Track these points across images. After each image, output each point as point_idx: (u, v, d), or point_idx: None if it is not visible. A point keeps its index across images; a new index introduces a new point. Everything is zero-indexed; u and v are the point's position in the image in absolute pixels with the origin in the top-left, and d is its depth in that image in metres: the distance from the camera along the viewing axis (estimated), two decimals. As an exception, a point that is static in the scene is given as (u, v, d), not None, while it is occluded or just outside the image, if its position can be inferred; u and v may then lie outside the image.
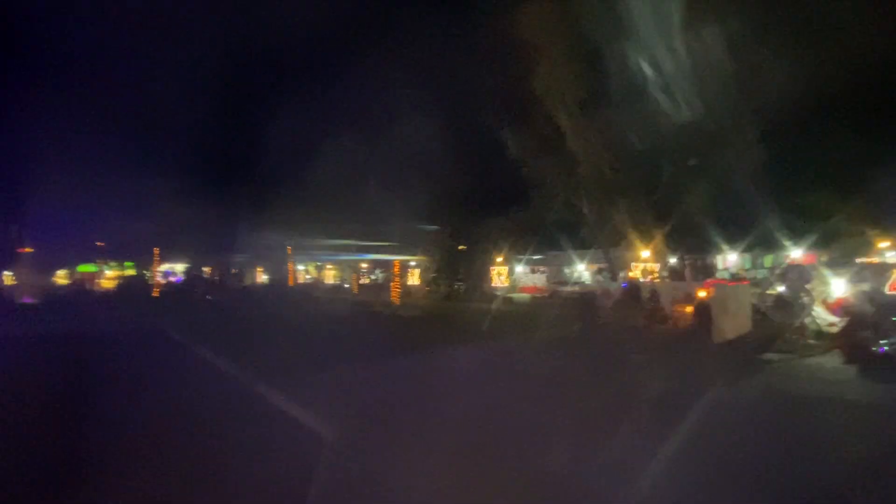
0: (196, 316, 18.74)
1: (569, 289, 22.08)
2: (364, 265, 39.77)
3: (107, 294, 32.41)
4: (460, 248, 28.52)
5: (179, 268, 43.78)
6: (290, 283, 36.71)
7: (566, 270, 29.99)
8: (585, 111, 19.28)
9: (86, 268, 40.03)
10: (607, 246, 22.95)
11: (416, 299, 26.70)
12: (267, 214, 32.26)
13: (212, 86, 34.67)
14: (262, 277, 43.31)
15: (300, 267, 43.37)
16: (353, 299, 28.04)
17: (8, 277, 31.71)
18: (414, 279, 32.95)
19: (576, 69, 18.65)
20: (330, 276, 42.94)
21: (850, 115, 19.41)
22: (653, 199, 19.93)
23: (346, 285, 37.81)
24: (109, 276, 38.74)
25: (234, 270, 43.46)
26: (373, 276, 40.85)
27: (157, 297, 28.84)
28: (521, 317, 16.73)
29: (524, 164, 21.40)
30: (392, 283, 28.05)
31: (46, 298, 24.26)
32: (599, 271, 24.72)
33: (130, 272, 40.93)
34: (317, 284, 41.38)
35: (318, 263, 44.34)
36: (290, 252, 38.04)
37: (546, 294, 24.50)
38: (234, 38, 32.44)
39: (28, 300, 22.98)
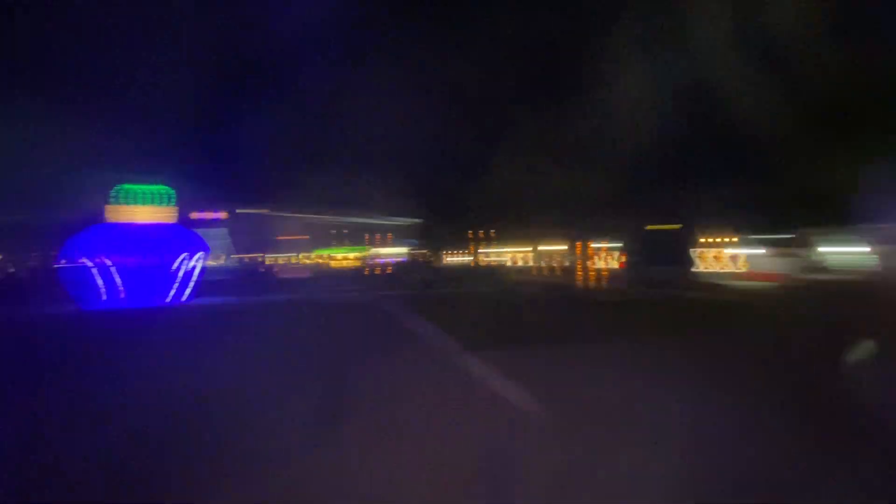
0: (408, 292, 20.60)
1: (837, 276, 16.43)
2: (547, 247, 38.72)
3: (342, 272, 39.28)
4: (665, 227, 24.73)
5: (398, 251, 50.39)
6: (474, 264, 38.47)
7: (819, 252, 22.85)
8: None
9: (327, 251, 49.41)
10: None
11: (608, 284, 24.35)
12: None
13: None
14: (447, 260, 46.97)
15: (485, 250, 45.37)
16: (542, 281, 27.31)
17: (271, 259, 41.74)
18: (601, 261, 30.70)
19: None
20: (515, 257, 43.32)
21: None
22: None
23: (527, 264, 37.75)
24: (342, 258, 47.16)
25: (432, 252, 47.84)
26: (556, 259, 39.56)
27: (378, 276, 33.35)
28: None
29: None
30: (580, 263, 26.38)
31: (298, 276, 30.86)
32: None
33: (363, 253, 48.75)
34: (500, 265, 42.21)
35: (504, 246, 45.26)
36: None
37: (795, 283, 18.97)
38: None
39: (286, 276, 29.89)
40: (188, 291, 17.96)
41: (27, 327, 12.68)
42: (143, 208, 17.78)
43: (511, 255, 43.42)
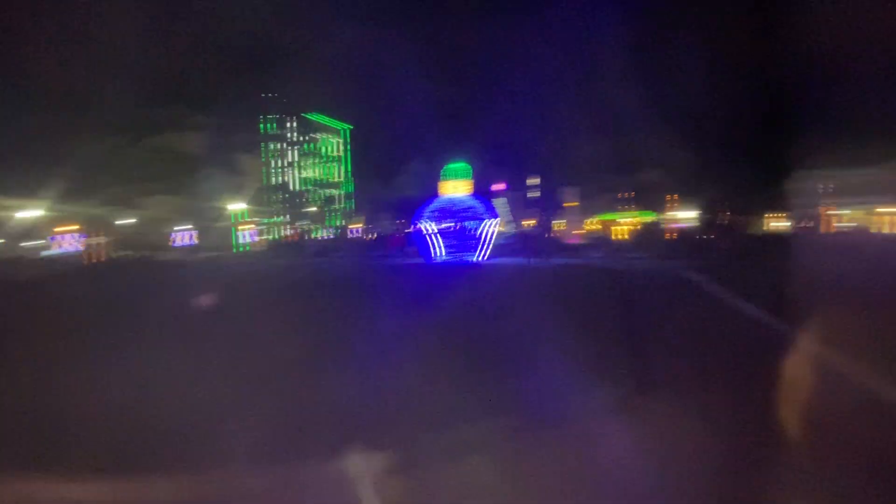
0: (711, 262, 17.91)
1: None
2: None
3: (622, 239, 38.05)
4: None
5: (687, 215, 44.88)
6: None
7: None
8: None
9: (607, 216, 48.32)
10: None
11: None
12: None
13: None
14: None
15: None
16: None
17: (557, 224, 43.85)
18: None
19: None
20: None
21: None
22: None
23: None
24: (625, 223, 45.11)
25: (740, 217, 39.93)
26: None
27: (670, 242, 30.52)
28: None
29: None
30: None
31: (578, 242, 31.85)
32: None
33: (648, 219, 45.51)
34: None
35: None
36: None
37: None
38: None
39: (570, 242, 31.42)
40: (488, 252, 21.73)
41: (391, 271, 18.46)
42: (458, 182, 22.40)
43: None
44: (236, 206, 35.73)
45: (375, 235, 47.71)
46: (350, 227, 49.00)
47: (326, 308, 9.37)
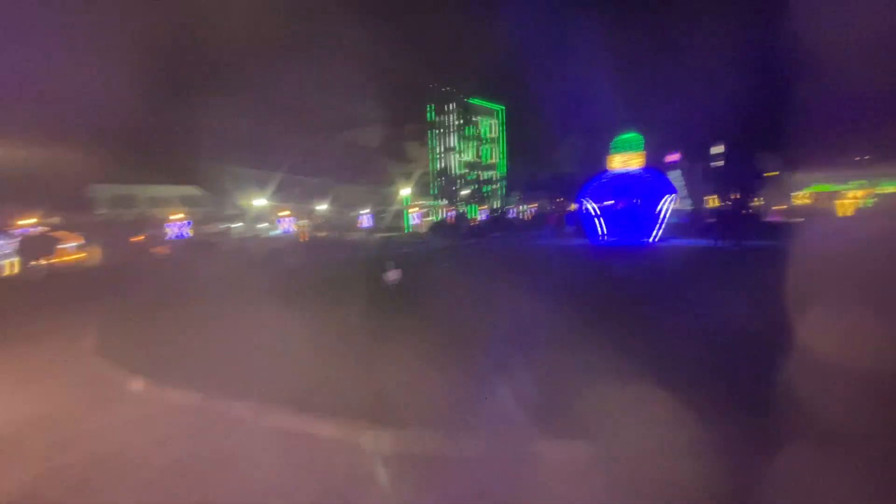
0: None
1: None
2: None
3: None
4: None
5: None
6: None
7: None
8: None
9: (821, 188, 38.82)
10: None
11: None
12: None
13: None
14: None
15: None
16: None
17: (750, 199, 36.78)
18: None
19: None
20: None
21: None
22: None
23: None
24: (854, 196, 35.28)
25: None
26: None
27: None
28: None
29: None
30: None
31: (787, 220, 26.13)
32: None
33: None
34: None
35: None
36: None
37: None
38: None
39: (771, 219, 26.12)
40: (660, 232, 19.47)
41: (556, 252, 17.92)
42: (629, 155, 20.47)
43: None
44: (407, 191, 39.38)
45: (534, 215, 47.31)
46: (509, 207, 49.59)
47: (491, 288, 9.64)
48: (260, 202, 32.27)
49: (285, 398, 4.51)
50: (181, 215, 31.39)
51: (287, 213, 32.70)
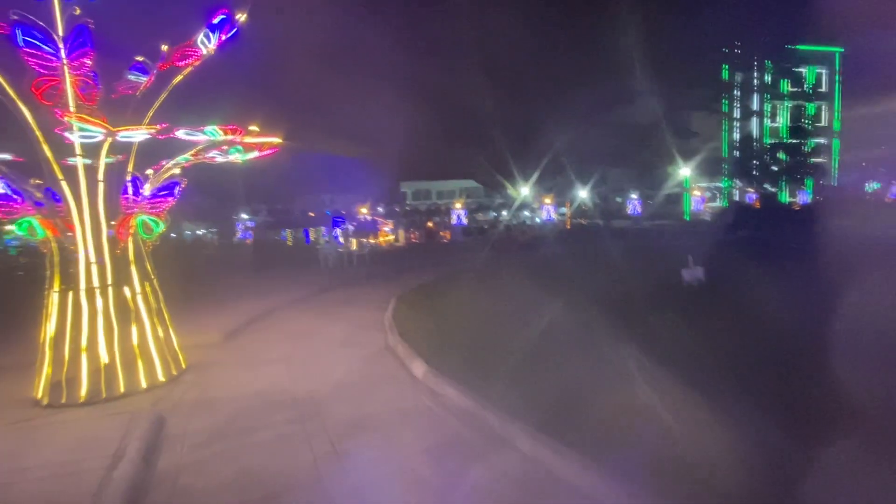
0: None
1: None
2: None
3: None
4: None
5: None
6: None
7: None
8: None
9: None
10: None
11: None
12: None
13: None
14: None
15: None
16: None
17: None
18: None
19: None
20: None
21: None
22: None
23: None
24: None
25: None
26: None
27: None
28: None
29: None
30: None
31: None
32: None
33: None
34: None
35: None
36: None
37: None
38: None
39: None
40: None
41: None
42: None
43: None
44: (687, 171, 33.35)
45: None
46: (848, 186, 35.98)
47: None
48: (524, 190, 33.29)
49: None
50: (460, 205, 35.79)
51: (550, 200, 32.64)
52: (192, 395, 5.29)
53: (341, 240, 21.43)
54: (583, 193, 34.31)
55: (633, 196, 33.33)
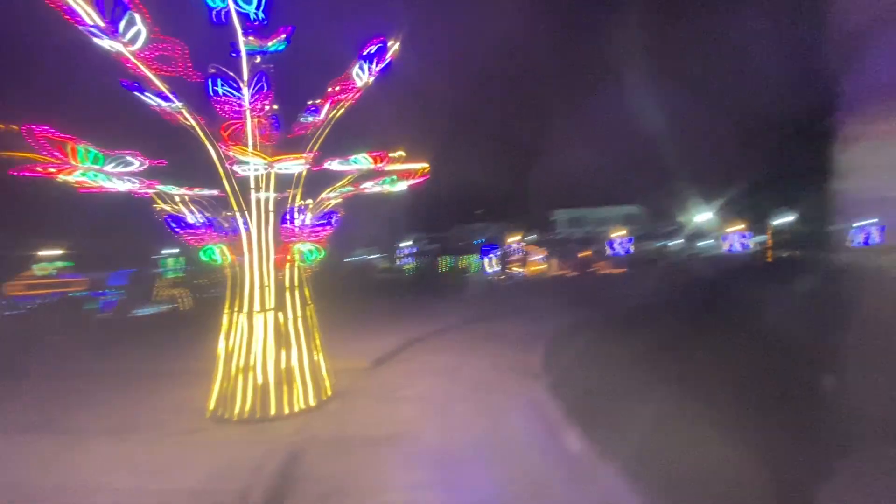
0: None
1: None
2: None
3: None
4: None
5: None
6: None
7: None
8: None
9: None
10: None
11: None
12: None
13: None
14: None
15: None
16: None
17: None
18: None
19: None
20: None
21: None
22: None
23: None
24: None
25: None
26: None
27: None
28: None
29: None
30: None
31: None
32: None
33: None
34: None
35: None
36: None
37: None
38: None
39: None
40: None
41: None
42: None
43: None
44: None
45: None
46: None
47: None
48: (702, 217, 28.56)
49: None
50: (623, 233, 32.48)
51: (740, 227, 27.21)
52: (330, 428, 5.15)
53: (491, 269, 21.20)
54: (785, 219, 27.82)
55: (866, 221, 25.64)
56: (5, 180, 4.79)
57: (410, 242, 42.99)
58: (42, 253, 26.37)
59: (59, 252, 26.84)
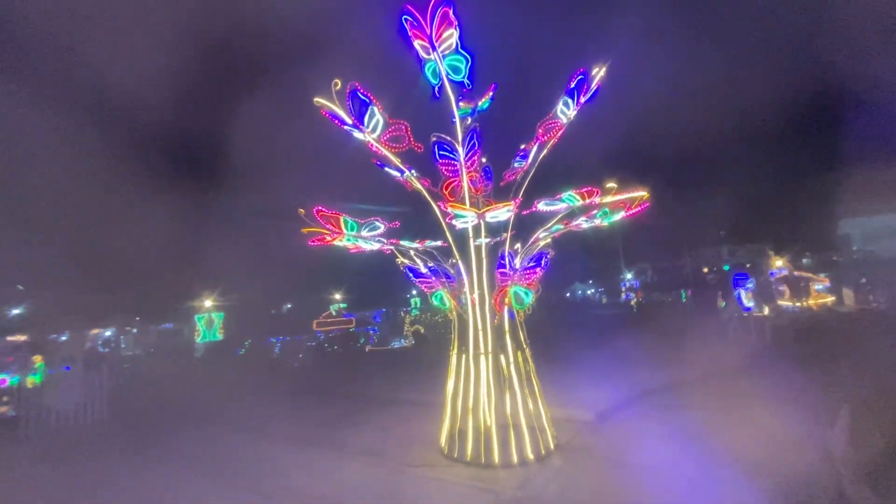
0: None
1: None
2: None
3: None
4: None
5: None
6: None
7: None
8: None
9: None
10: None
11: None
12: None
13: None
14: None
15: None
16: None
17: None
18: None
19: None
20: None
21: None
22: None
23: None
24: None
25: None
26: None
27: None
28: None
29: None
30: None
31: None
32: None
33: None
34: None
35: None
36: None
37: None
38: None
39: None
40: None
41: None
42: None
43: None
44: None
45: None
46: None
47: None
48: None
49: None
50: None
51: None
52: (552, 490, 4.78)
53: (746, 303, 17.16)
54: None
55: None
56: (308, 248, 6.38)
57: (631, 276, 39.25)
58: (333, 296, 35.10)
59: (339, 296, 35.05)
